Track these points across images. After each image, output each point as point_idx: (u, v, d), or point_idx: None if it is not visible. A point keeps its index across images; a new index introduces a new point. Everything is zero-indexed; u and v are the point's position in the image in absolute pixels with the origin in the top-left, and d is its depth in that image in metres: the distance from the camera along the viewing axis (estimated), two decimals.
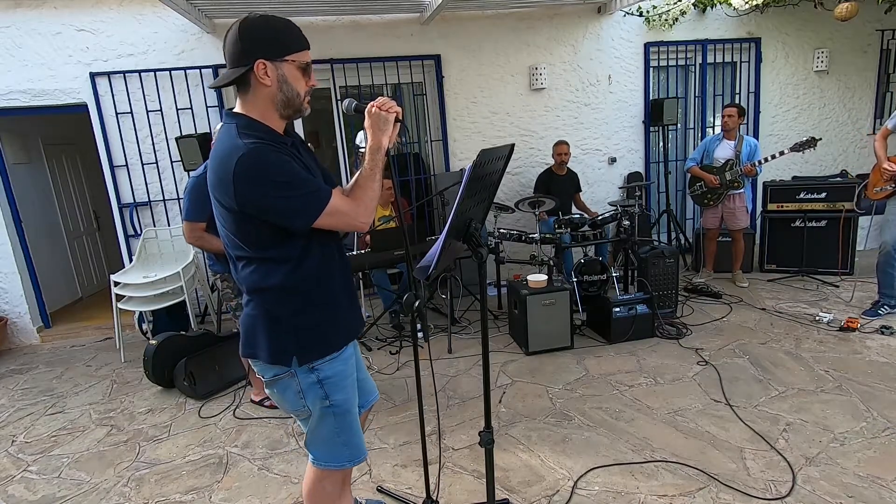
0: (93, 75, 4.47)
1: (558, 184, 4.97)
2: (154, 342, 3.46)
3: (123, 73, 4.52)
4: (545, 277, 3.70)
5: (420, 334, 1.86)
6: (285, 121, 1.47)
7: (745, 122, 5.47)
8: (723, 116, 4.66)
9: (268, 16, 1.38)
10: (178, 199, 4.75)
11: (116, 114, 4.59)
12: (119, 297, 4.12)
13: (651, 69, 5.57)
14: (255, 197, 1.32)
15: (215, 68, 4.65)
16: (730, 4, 5.46)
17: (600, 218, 4.44)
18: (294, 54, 1.39)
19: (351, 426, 1.61)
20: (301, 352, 1.48)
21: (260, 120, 1.41)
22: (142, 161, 4.70)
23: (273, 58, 1.37)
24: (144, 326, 4.62)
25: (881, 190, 3.72)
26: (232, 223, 1.40)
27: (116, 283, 4.14)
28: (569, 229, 4.35)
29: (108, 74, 4.51)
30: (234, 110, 1.44)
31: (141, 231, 4.74)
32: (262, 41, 1.36)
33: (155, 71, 4.57)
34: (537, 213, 4.30)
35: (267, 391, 1.57)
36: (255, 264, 1.44)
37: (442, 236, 1.51)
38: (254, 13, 1.38)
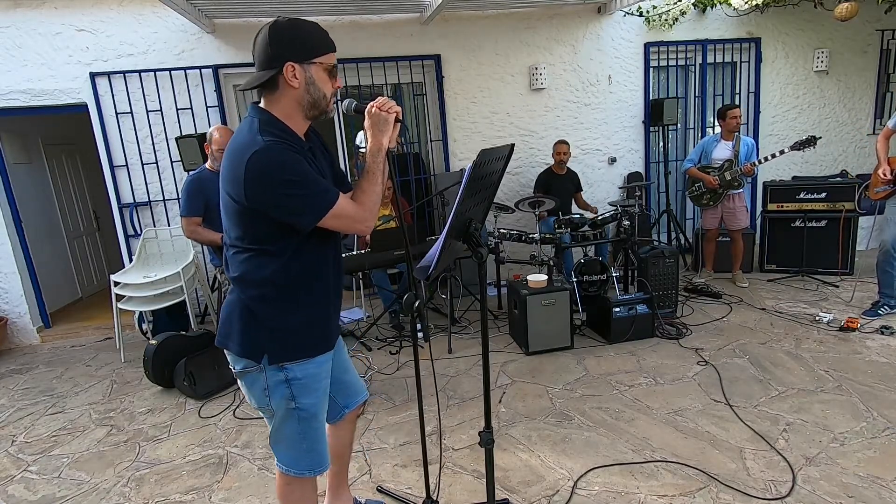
0: (93, 75, 4.47)
1: (558, 183, 4.97)
2: (154, 342, 3.46)
3: (123, 73, 4.52)
4: (545, 277, 3.70)
5: (420, 334, 1.86)
6: (309, 122, 1.49)
7: (745, 122, 5.48)
8: (732, 119, 4.54)
9: (296, 19, 1.40)
10: (178, 198, 4.75)
11: (116, 114, 4.59)
12: (119, 297, 4.12)
13: (651, 69, 5.57)
14: (263, 194, 1.34)
15: (215, 68, 4.66)
16: (730, 4, 5.46)
17: (600, 218, 4.44)
18: (322, 56, 1.40)
19: (315, 432, 1.60)
20: (273, 350, 1.47)
21: (282, 119, 1.43)
22: (142, 161, 4.70)
23: (302, 60, 1.38)
24: (144, 326, 4.62)
25: (881, 190, 3.73)
26: (236, 215, 1.42)
27: (116, 283, 4.14)
28: (569, 229, 4.35)
29: (108, 74, 4.51)
30: (260, 105, 1.45)
31: (141, 231, 4.74)
32: (291, 44, 1.38)
33: (155, 71, 4.57)
34: (537, 212, 4.30)
35: (238, 382, 1.57)
36: (248, 254, 1.45)
37: (442, 236, 1.51)
38: (282, 17, 1.40)
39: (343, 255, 3.88)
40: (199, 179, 2.96)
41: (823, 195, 4.74)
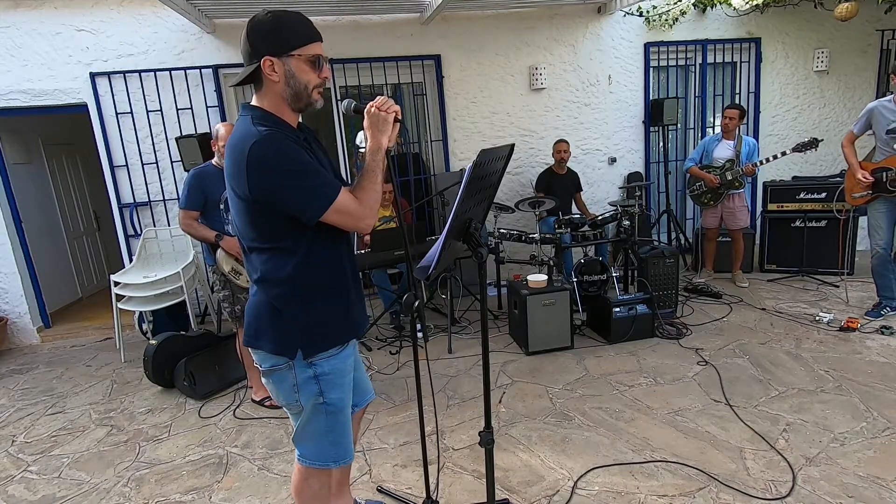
0: (93, 75, 4.47)
1: (558, 183, 4.97)
2: (154, 342, 3.46)
3: (123, 73, 4.52)
4: (545, 277, 3.70)
5: (420, 334, 1.86)
6: (298, 114, 1.50)
7: (745, 122, 5.47)
8: (723, 118, 4.62)
9: (276, 12, 1.40)
10: (178, 199, 4.75)
11: (116, 114, 4.59)
12: (119, 297, 4.12)
13: (651, 69, 5.57)
14: (265, 184, 1.35)
15: (215, 68, 4.66)
16: (730, 4, 5.46)
17: (600, 218, 4.44)
18: (300, 48, 1.40)
19: (342, 426, 1.62)
20: (306, 344, 1.49)
21: (274, 113, 1.44)
22: (142, 161, 4.70)
23: (279, 54, 1.39)
24: (144, 326, 4.62)
25: (860, 196, 3.75)
26: (245, 213, 1.43)
27: (116, 283, 4.14)
28: (569, 229, 4.35)
29: (108, 74, 4.50)
30: (251, 103, 1.47)
31: (141, 231, 4.74)
32: (267, 38, 1.39)
33: (155, 71, 4.57)
34: (537, 212, 4.30)
35: (263, 380, 1.59)
36: (267, 254, 1.47)
37: (442, 236, 1.51)
38: (263, 11, 1.40)
39: None
40: (201, 174, 2.96)
41: (823, 195, 4.74)
